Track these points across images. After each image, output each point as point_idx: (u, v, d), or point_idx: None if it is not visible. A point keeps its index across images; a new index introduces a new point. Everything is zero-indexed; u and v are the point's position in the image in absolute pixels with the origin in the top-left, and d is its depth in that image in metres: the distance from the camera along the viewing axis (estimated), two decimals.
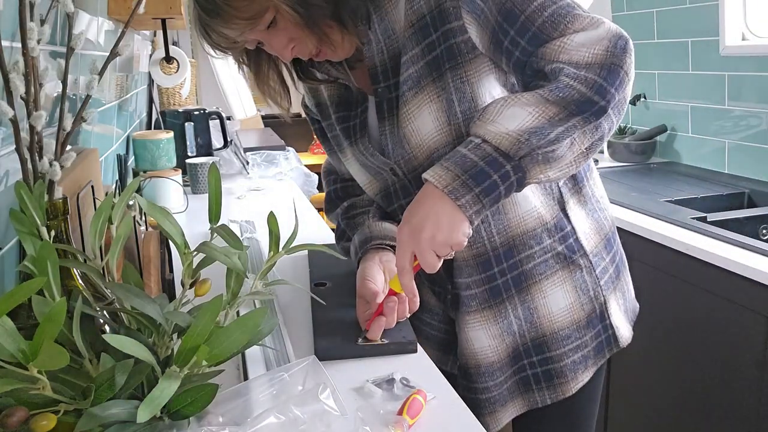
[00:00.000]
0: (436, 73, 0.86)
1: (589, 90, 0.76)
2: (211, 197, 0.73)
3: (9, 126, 0.70)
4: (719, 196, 1.94)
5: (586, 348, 0.99)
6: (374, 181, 0.99)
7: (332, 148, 1.06)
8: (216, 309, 0.60)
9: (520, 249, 0.95)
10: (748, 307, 1.40)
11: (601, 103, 0.77)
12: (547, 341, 0.98)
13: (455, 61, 0.85)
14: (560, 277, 0.97)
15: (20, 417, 0.52)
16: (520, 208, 0.93)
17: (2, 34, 0.70)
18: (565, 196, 0.96)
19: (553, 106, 0.77)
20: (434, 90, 0.87)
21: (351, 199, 1.10)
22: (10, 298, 0.51)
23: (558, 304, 0.97)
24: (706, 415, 1.55)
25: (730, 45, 2.05)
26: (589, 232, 0.99)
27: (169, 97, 2.82)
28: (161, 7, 1.74)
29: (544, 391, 1.00)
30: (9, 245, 0.85)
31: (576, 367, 0.99)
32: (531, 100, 0.78)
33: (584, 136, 0.79)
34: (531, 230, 0.94)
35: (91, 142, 1.42)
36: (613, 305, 1.01)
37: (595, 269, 0.98)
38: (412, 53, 0.87)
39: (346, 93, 0.98)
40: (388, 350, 0.85)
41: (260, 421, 0.59)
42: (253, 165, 2.14)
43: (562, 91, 0.77)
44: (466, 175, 0.77)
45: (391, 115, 0.91)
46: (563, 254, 0.96)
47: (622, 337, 1.03)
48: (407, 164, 0.92)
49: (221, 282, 0.72)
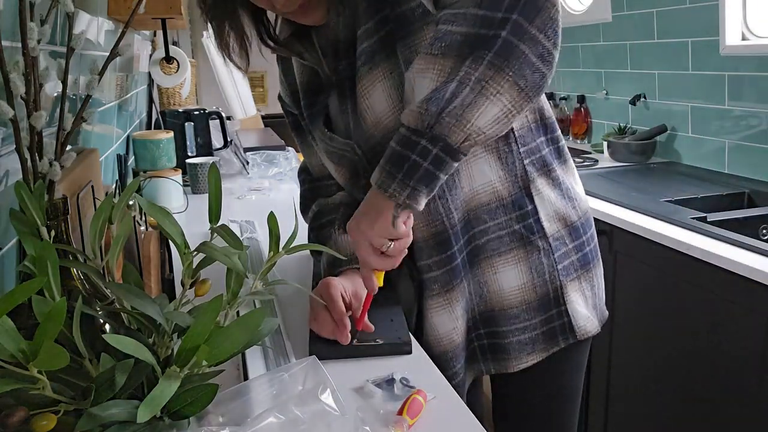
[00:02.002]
0: (389, 49, 0.85)
1: (470, 26, 0.73)
2: (211, 197, 0.73)
3: (9, 126, 0.69)
4: (719, 196, 1.93)
5: (534, 331, 0.97)
6: (341, 168, 0.98)
7: (305, 140, 1.06)
8: (216, 309, 0.60)
9: (474, 224, 0.93)
10: (748, 307, 1.40)
11: (489, 34, 0.72)
12: (495, 316, 0.97)
13: (405, 29, 0.84)
14: (515, 255, 0.95)
15: (20, 417, 0.52)
16: (475, 181, 0.92)
17: (2, 34, 0.70)
18: (530, 175, 0.94)
19: (445, 60, 0.73)
20: (387, 66, 0.86)
21: (319, 202, 1.08)
22: (10, 298, 0.51)
23: (510, 283, 0.95)
24: (706, 415, 1.55)
25: (730, 45, 2.05)
26: (553, 215, 0.96)
27: (169, 97, 2.82)
28: (161, 7, 1.74)
29: (489, 363, 0.99)
30: (9, 245, 0.85)
31: (521, 347, 0.97)
32: (423, 64, 0.76)
33: (496, 74, 0.72)
34: (485, 204, 0.93)
35: (91, 142, 1.42)
36: (573, 293, 0.98)
37: (554, 253, 0.96)
38: (366, 27, 0.86)
39: (317, 80, 0.98)
40: (383, 351, 0.85)
41: (260, 421, 0.59)
42: (253, 165, 2.14)
43: (442, 39, 0.74)
44: (388, 165, 0.77)
45: (352, 94, 0.91)
46: (520, 233, 0.94)
47: (579, 328, 0.98)
48: (366, 143, 0.91)
49: (221, 282, 0.72)
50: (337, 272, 0.95)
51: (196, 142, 2.19)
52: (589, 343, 1.05)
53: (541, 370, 0.99)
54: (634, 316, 1.77)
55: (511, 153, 0.93)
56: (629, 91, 2.56)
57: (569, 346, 0.99)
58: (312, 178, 1.12)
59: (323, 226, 1.04)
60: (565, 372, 1.03)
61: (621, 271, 1.78)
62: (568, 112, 2.95)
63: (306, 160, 1.12)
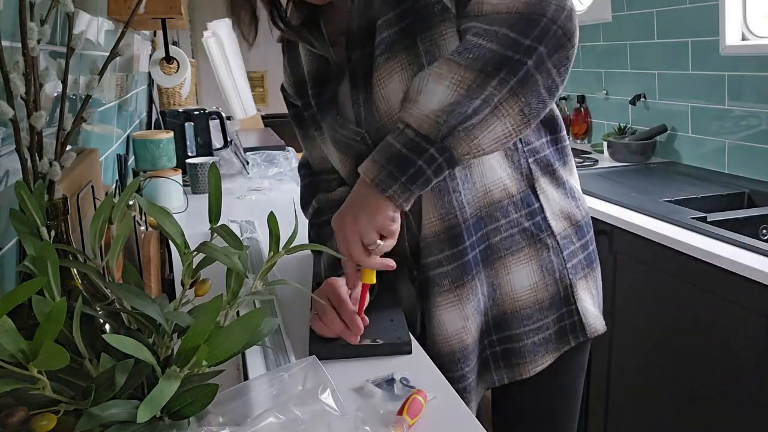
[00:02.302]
0: (409, 40, 0.85)
1: (500, 47, 0.74)
2: (211, 197, 0.73)
3: (9, 126, 0.69)
4: (719, 196, 1.94)
5: (547, 330, 0.97)
6: (346, 158, 0.98)
7: (307, 133, 1.05)
8: (216, 309, 0.60)
9: (487, 221, 0.93)
10: (748, 307, 1.40)
11: (515, 58, 0.73)
12: (508, 320, 0.96)
13: (425, 23, 0.84)
14: (526, 254, 0.95)
15: (20, 417, 0.52)
16: (486, 178, 0.92)
17: (2, 34, 0.70)
18: (534, 173, 0.95)
19: (467, 72, 0.75)
20: (406, 58, 0.86)
21: (319, 198, 1.08)
22: (10, 298, 0.51)
23: (522, 282, 0.95)
24: (706, 415, 1.55)
25: (730, 45, 2.05)
26: (558, 214, 0.97)
27: (169, 97, 2.82)
28: (161, 7, 1.74)
29: (501, 371, 0.98)
30: (9, 245, 0.85)
31: (536, 349, 0.97)
32: (444, 69, 0.76)
33: (511, 98, 0.75)
34: (497, 201, 0.93)
35: (91, 142, 1.42)
36: (582, 292, 0.99)
37: (562, 251, 0.96)
38: (387, 17, 0.86)
39: (325, 69, 0.98)
40: (383, 351, 0.85)
41: (260, 421, 0.59)
42: (253, 165, 2.14)
43: (471, 51, 0.75)
44: (391, 165, 0.77)
45: (365, 83, 0.90)
46: (530, 231, 0.94)
47: (589, 326, 0.99)
48: (377, 133, 0.91)
49: (221, 282, 0.72)
50: (339, 273, 0.95)
51: (196, 142, 2.19)
52: (590, 343, 1.05)
53: (547, 371, 0.99)
54: (634, 316, 1.77)
55: (516, 151, 0.94)
56: (629, 91, 2.56)
57: (577, 345, 1.00)
58: (312, 172, 1.12)
59: (323, 225, 1.03)
60: (566, 370, 1.03)
61: (621, 271, 1.78)
62: (568, 112, 2.95)
63: (306, 153, 1.12)
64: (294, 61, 1.05)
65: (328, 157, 1.03)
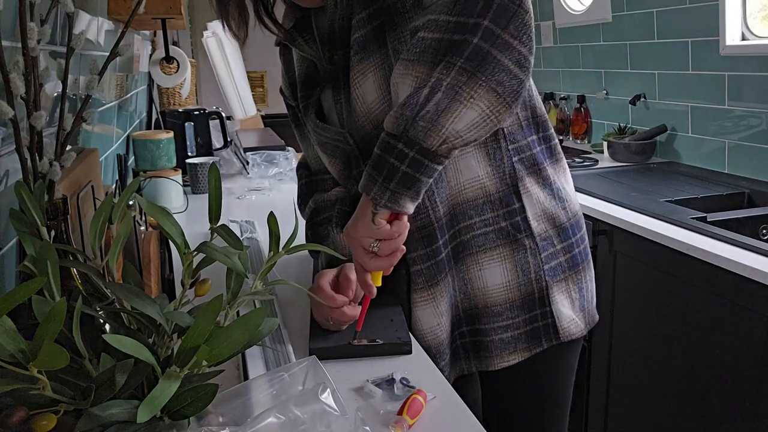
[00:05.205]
0: (382, 40, 0.86)
1: (442, 32, 0.74)
2: (211, 197, 0.73)
3: (9, 126, 0.70)
4: (719, 196, 1.94)
5: (517, 329, 0.97)
6: (334, 160, 0.98)
7: (303, 132, 1.07)
8: (216, 309, 0.60)
9: (459, 219, 0.93)
10: (748, 307, 1.40)
11: (457, 39, 0.73)
12: (478, 314, 0.96)
13: (394, 22, 0.85)
14: (500, 253, 0.94)
15: (20, 417, 0.52)
16: (462, 176, 0.92)
17: (2, 34, 0.70)
18: (519, 172, 0.94)
19: (419, 66, 0.75)
20: (379, 57, 0.87)
21: (315, 198, 1.08)
22: (10, 298, 0.51)
23: (494, 280, 0.95)
24: (706, 415, 1.55)
25: (730, 45, 2.05)
26: (541, 215, 0.96)
27: (169, 97, 2.82)
28: (161, 7, 1.75)
29: (471, 361, 0.99)
30: (9, 245, 0.85)
31: (503, 345, 0.97)
32: (401, 70, 0.77)
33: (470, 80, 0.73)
34: (471, 200, 0.93)
35: (91, 142, 1.42)
36: (559, 295, 0.98)
37: (540, 252, 0.95)
38: (360, 16, 0.87)
39: (314, 73, 0.99)
40: (383, 351, 0.85)
41: (260, 421, 0.59)
42: (253, 165, 2.14)
43: (417, 45, 0.75)
44: (371, 168, 0.78)
45: (345, 84, 0.91)
46: (507, 231, 0.94)
47: (563, 330, 0.97)
48: (357, 133, 0.92)
49: (221, 282, 0.72)
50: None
51: (196, 142, 2.19)
52: (577, 346, 1.03)
53: (525, 370, 0.99)
54: (634, 316, 1.77)
55: (500, 149, 0.93)
56: (629, 91, 2.56)
57: (553, 347, 0.98)
58: (310, 172, 1.13)
59: (320, 224, 1.04)
60: (550, 374, 1.02)
61: (621, 271, 1.78)
62: (568, 112, 2.95)
63: (304, 153, 1.13)
64: (290, 64, 1.06)
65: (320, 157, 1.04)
